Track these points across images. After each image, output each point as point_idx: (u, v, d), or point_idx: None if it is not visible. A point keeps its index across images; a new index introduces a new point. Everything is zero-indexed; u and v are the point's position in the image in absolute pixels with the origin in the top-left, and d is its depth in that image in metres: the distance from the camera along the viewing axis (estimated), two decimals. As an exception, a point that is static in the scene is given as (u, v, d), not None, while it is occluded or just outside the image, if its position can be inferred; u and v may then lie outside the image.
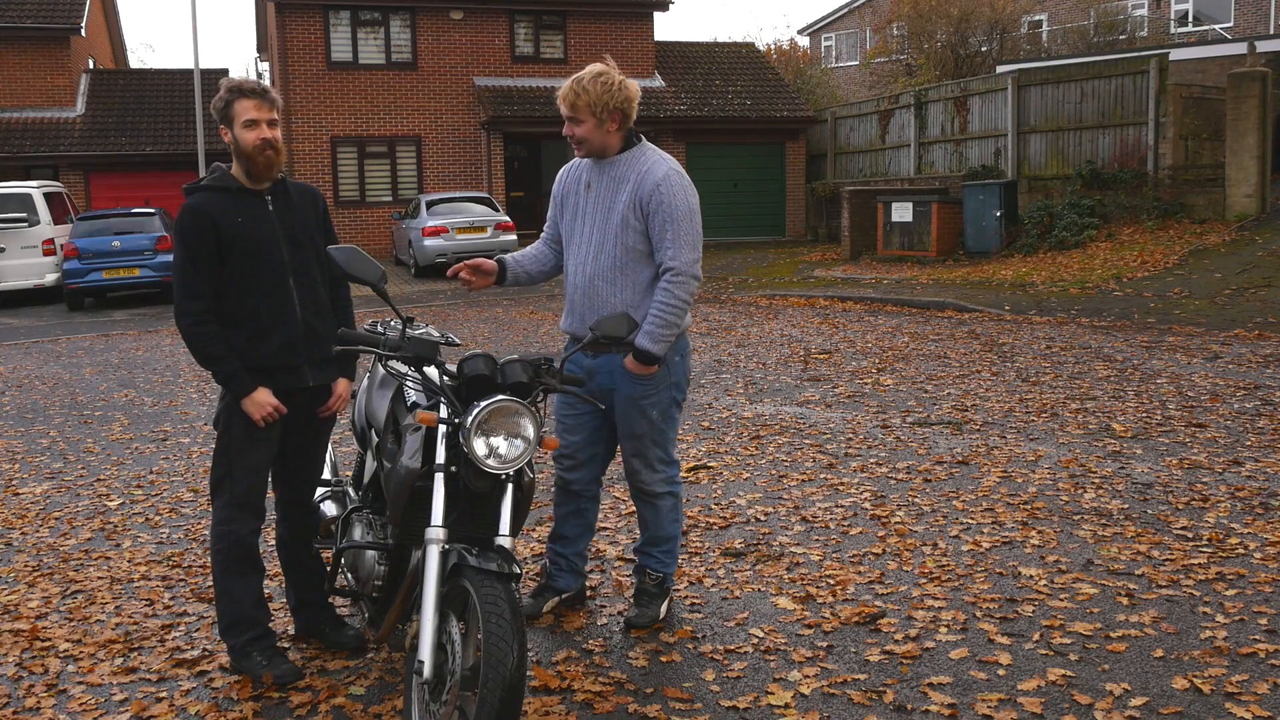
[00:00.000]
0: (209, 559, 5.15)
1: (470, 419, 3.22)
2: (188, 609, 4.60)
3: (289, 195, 3.89)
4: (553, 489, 4.36)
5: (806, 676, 3.74)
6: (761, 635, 4.09)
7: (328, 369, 3.95)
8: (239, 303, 3.76)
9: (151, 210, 19.75)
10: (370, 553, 3.76)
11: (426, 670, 3.08)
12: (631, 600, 4.34)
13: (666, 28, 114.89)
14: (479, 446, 3.23)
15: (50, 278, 19.22)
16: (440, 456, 3.29)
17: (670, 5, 26.98)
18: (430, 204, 21.14)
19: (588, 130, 3.93)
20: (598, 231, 4.01)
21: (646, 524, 4.26)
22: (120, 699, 3.78)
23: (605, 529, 5.44)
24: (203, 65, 30.37)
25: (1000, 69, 23.87)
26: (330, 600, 4.23)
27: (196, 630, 4.35)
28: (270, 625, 3.95)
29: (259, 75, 36.69)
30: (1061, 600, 4.31)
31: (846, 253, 20.51)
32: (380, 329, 4.10)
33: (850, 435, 7.27)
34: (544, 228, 4.36)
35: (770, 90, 27.62)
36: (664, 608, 4.25)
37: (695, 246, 3.96)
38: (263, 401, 3.74)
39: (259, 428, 3.77)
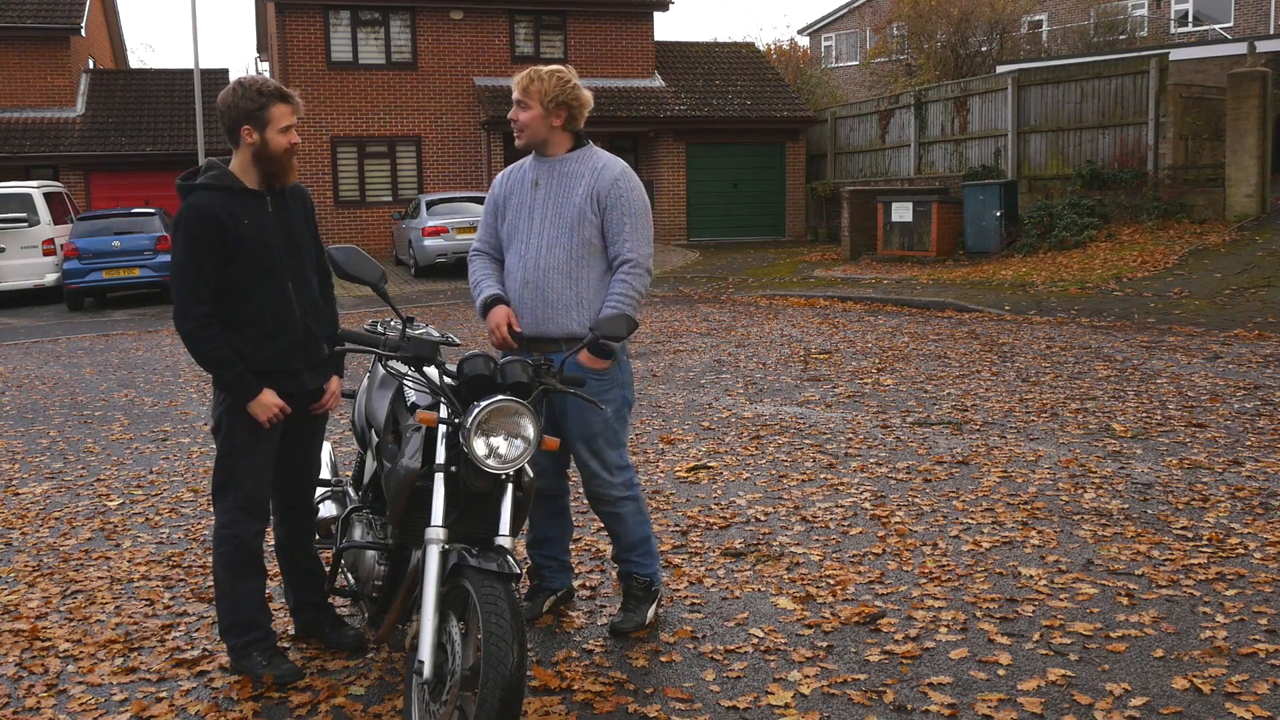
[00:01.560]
0: (209, 559, 5.16)
1: (470, 419, 3.22)
2: (188, 609, 4.60)
3: (284, 195, 3.88)
4: None
5: (806, 676, 3.74)
6: (761, 635, 4.09)
7: (323, 370, 3.95)
8: (241, 306, 3.73)
9: (151, 210, 19.75)
10: (370, 553, 3.76)
11: (426, 670, 3.08)
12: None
13: (666, 28, 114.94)
14: (479, 446, 3.23)
15: (50, 278, 19.22)
16: (440, 456, 3.29)
17: (670, 5, 26.98)
18: (430, 204, 21.13)
19: (532, 118, 3.99)
20: (550, 227, 4.02)
21: (617, 535, 4.23)
22: (120, 699, 3.78)
23: (605, 529, 5.44)
24: (203, 65, 30.36)
25: (1000, 69, 23.87)
26: (330, 600, 4.23)
27: (196, 630, 4.35)
28: (271, 627, 3.95)
29: (259, 75, 36.66)
30: (1061, 600, 4.31)
31: (846, 253, 20.52)
32: (380, 329, 4.10)
33: (850, 435, 7.27)
34: (479, 240, 4.24)
35: (770, 90, 27.61)
36: (652, 611, 4.22)
37: (649, 242, 4.07)
38: (269, 403, 3.74)
39: (263, 429, 3.76)
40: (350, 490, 4.40)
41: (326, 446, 4.52)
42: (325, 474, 4.40)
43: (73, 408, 9.51)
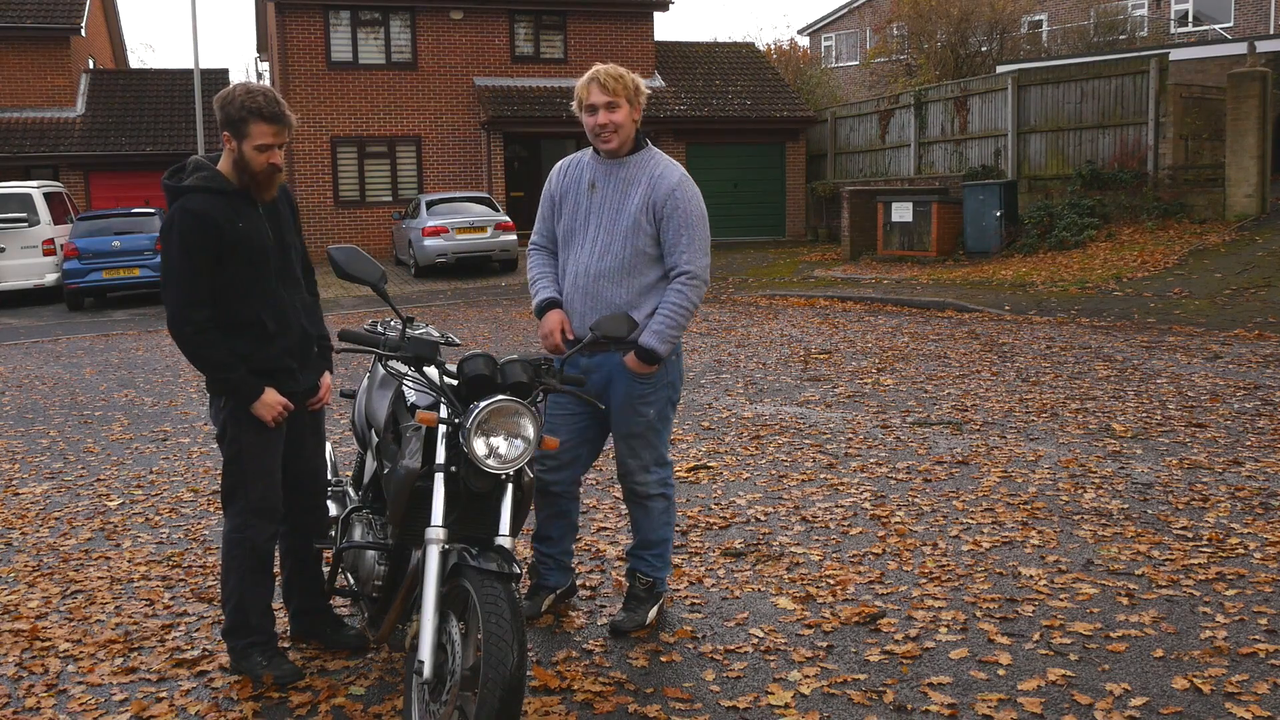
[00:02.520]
0: (209, 559, 5.16)
1: (470, 419, 3.22)
2: (188, 609, 4.60)
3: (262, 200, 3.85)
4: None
5: (806, 676, 3.74)
6: (761, 635, 4.09)
7: (315, 368, 3.96)
8: (238, 308, 3.71)
9: (151, 210, 19.76)
10: (370, 553, 3.75)
11: (426, 670, 3.08)
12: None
13: (666, 28, 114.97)
14: (479, 446, 3.23)
15: (50, 278, 19.22)
16: (440, 456, 3.29)
17: (670, 5, 26.98)
18: (430, 204, 21.13)
19: (625, 116, 3.94)
20: (604, 232, 4.00)
21: (638, 526, 4.26)
22: (120, 699, 3.78)
23: (605, 529, 5.45)
24: (203, 65, 30.38)
25: (1000, 69, 23.86)
26: (330, 601, 4.23)
27: (196, 630, 4.35)
28: (274, 630, 3.94)
29: (259, 75, 36.66)
30: (1061, 600, 4.31)
31: (846, 253, 20.52)
32: (380, 329, 4.10)
33: (850, 435, 7.27)
34: (537, 233, 4.27)
35: (770, 90, 27.61)
36: (653, 613, 4.22)
37: (707, 251, 4.03)
38: (272, 402, 3.73)
39: (269, 429, 3.76)
40: (350, 490, 4.40)
41: (326, 446, 4.52)
42: (326, 472, 4.40)
43: (73, 408, 9.51)
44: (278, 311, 3.78)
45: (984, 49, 31.73)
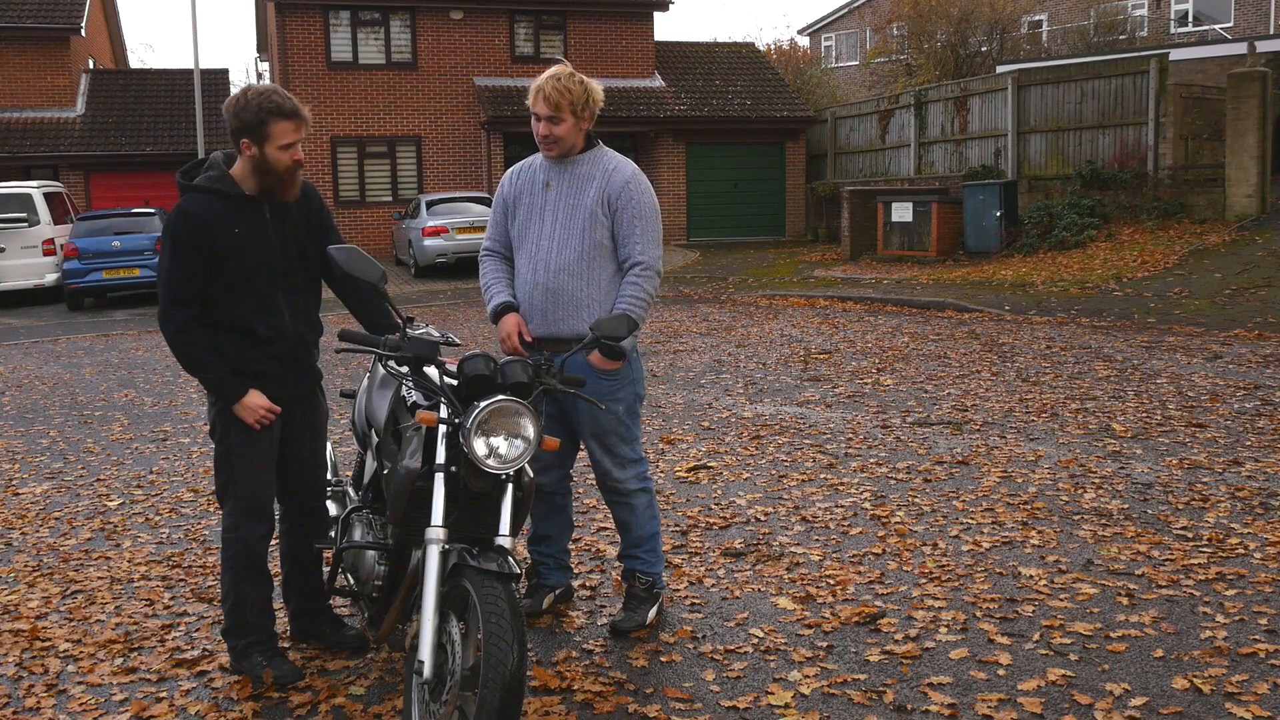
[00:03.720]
0: (209, 559, 5.16)
1: (470, 419, 3.22)
2: (188, 609, 4.60)
3: (285, 202, 3.83)
4: None
5: (806, 676, 3.74)
6: (761, 635, 4.09)
7: (308, 377, 3.94)
8: (229, 310, 3.71)
9: (151, 210, 19.78)
10: (370, 553, 3.75)
11: (426, 670, 3.08)
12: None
13: (666, 28, 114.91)
14: (479, 446, 3.23)
15: (50, 278, 19.23)
16: (440, 456, 3.29)
17: (670, 5, 26.98)
18: (430, 204, 21.14)
19: (567, 129, 3.98)
20: (561, 228, 4.03)
21: (626, 526, 4.25)
22: (120, 699, 3.78)
23: (605, 529, 5.44)
24: (203, 65, 30.35)
25: (1000, 69, 23.87)
26: (330, 600, 4.22)
27: (196, 630, 4.35)
28: (273, 629, 3.94)
29: (259, 75, 36.67)
30: (1061, 600, 4.31)
31: (846, 253, 20.52)
32: (380, 329, 4.10)
33: (850, 435, 7.27)
34: (489, 239, 4.27)
35: (770, 90, 27.61)
36: (652, 613, 4.22)
37: (659, 244, 4.10)
38: (254, 405, 3.71)
39: (255, 429, 3.75)
40: (350, 490, 4.40)
41: (327, 446, 4.52)
42: (325, 474, 4.40)
43: (73, 408, 9.51)
44: (271, 317, 3.76)
45: (984, 49, 31.73)
